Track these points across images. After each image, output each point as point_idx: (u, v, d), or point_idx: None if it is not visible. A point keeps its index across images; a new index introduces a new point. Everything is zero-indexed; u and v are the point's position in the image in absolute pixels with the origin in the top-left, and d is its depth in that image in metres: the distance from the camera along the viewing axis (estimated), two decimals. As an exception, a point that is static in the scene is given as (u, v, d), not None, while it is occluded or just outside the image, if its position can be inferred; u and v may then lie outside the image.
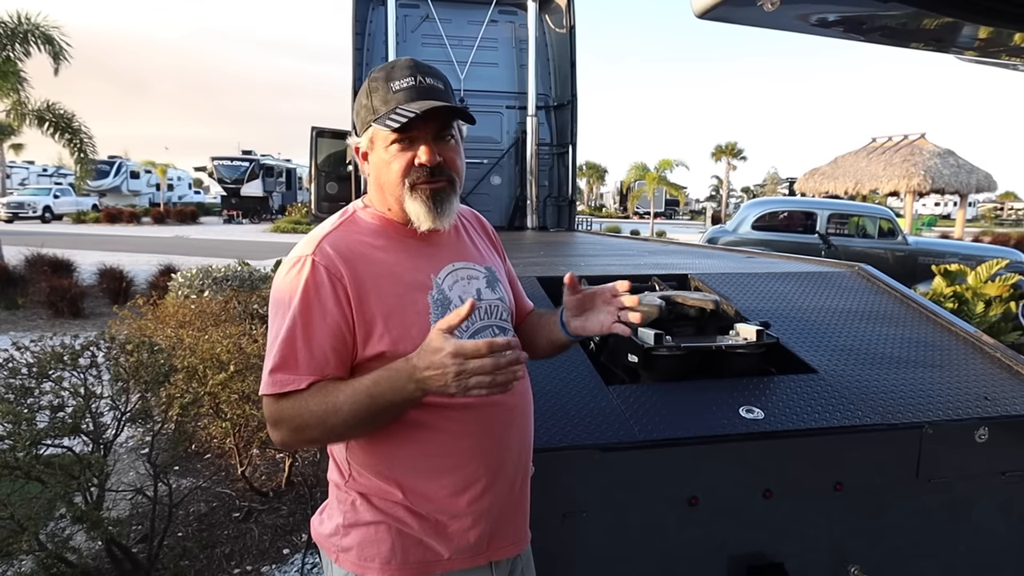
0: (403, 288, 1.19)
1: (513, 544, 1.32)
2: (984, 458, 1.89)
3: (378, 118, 1.19)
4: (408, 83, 1.19)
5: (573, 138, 6.84)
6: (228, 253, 14.14)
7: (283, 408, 1.13)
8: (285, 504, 3.65)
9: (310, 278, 1.15)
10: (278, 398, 1.13)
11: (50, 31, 10.51)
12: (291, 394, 1.12)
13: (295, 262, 1.18)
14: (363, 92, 1.24)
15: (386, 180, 1.22)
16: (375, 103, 1.20)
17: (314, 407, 1.11)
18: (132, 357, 2.84)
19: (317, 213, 7.32)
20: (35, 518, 2.27)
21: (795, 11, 0.89)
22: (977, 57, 1.32)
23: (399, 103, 1.18)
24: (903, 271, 8.39)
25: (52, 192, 31.24)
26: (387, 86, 1.20)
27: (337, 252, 1.17)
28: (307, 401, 1.12)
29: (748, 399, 1.87)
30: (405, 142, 1.19)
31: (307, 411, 1.11)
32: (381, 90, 1.20)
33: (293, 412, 1.12)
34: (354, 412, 1.09)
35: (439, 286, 1.23)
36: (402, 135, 1.18)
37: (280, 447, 1.19)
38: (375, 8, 6.68)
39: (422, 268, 1.23)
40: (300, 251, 1.19)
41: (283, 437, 1.16)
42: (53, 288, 8.86)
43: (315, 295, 1.14)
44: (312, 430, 1.13)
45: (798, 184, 19.26)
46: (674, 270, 2.96)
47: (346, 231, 1.23)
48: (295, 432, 1.14)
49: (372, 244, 1.21)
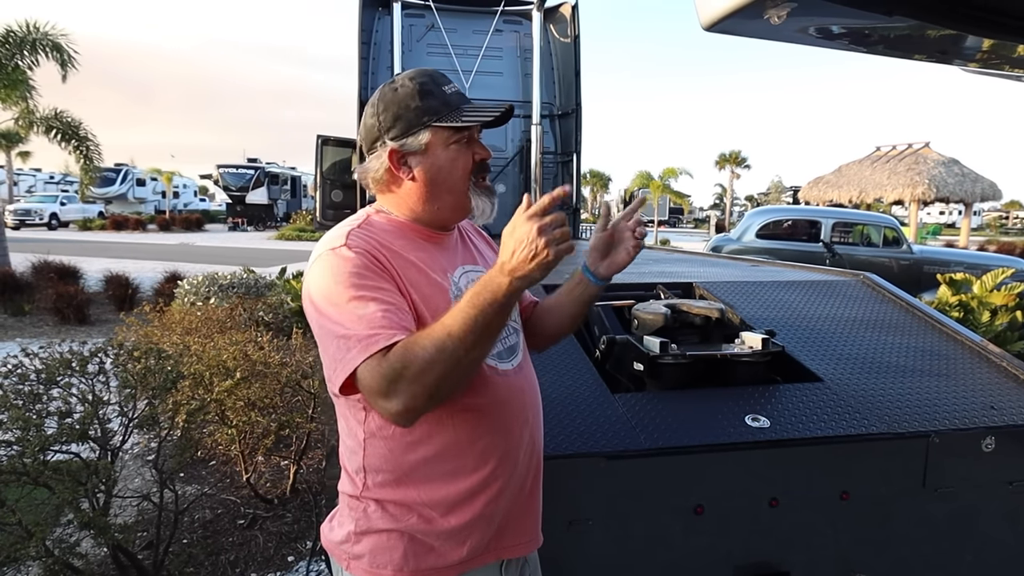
0: (428, 283, 1.21)
1: (523, 544, 1.33)
2: (991, 468, 1.89)
3: (441, 116, 1.22)
4: (454, 88, 1.26)
5: (577, 146, 6.86)
6: (233, 260, 14.20)
7: (393, 358, 1.03)
8: (290, 511, 3.65)
9: (353, 259, 1.14)
10: (383, 354, 1.04)
11: (58, 39, 10.60)
12: (390, 348, 1.05)
13: (330, 254, 1.16)
14: (410, 95, 1.23)
15: (448, 177, 1.25)
16: (433, 104, 1.22)
17: (427, 342, 1.04)
18: (140, 364, 2.85)
19: (322, 221, 7.35)
20: (42, 524, 2.29)
21: (800, 24, 0.90)
22: (981, 69, 1.33)
23: (457, 104, 1.23)
24: (908, 280, 8.37)
25: (58, 199, 31.44)
26: (440, 90, 1.24)
27: (365, 241, 1.19)
28: (418, 340, 1.05)
29: (754, 407, 1.88)
30: (463, 142, 1.24)
31: (423, 347, 1.03)
32: (437, 92, 1.23)
33: (408, 356, 1.03)
34: (467, 328, 1.03)
35: (456, 284, 1.26)
36: (463, 135, 1.23)
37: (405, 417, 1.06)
38: (381, 17, 6.74)
39: (441, 267, 1.26)
40: (328, 245, 1.18)
41: (403, 399, 1.04)
42: (59, 295, 8.90)
43: (365, 269, 1.13)
44: (437, 366, 1.03)
45: (802, 193, 19.26)
46: (679, 278, 2.97)
47: (366, 230, 1.23)
48: (418, 379, 1.03)
49: (392, 243, 1.23)
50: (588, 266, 1.37)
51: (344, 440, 1.28)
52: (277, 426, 3.55)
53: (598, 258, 1.36)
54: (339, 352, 1.09)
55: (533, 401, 1.35)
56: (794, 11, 0.84)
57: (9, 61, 10.23)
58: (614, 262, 1.35)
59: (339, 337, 1.09)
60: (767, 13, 0.85)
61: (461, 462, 1.21)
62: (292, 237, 26.17)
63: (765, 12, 0.85)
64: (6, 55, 10.18)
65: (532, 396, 1.35)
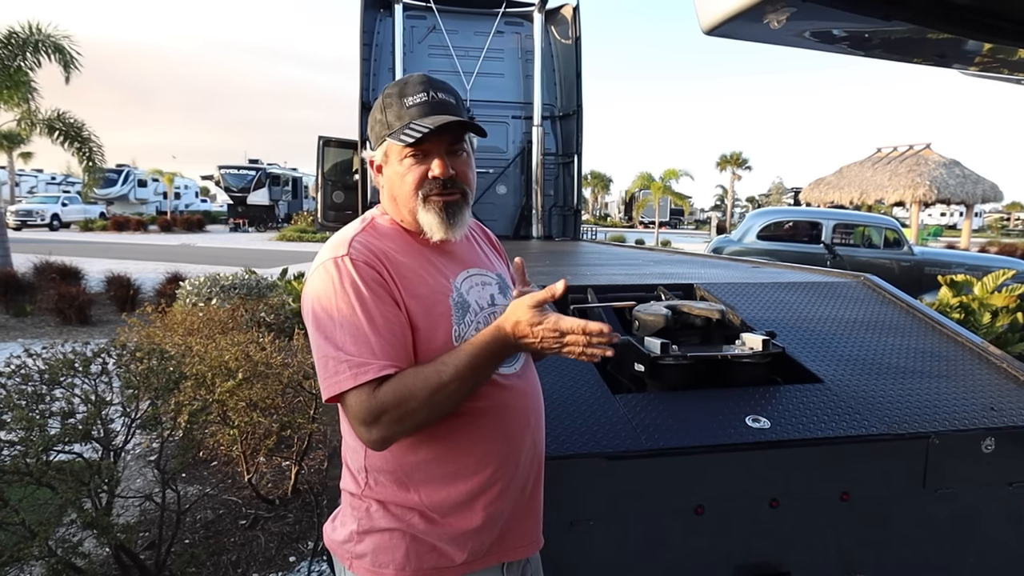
0: (427, 290, 1.22)
1: (525, 546, 1.34)
2: (991, 468, 1.89)
3: (392, 133, 1.23)
4: (421, 98, 1.23)
5: (578, 148, 6.88)
6: (235, 261, 14.22)
7: (383, 397, 1.09)
8: (291, 512, 3.66)
9: (355, 274, 1.16)
10: (375, 388, 1.10)
11: (61, 41, 10.62)
12: (385, 381, 1.10)
13: (332, 264, 1.18)
14: (377, 107, 1.28)
15: (400, 192, 1.25)
16: (389, 118, 1.24)
17: (419, 389, 1.10)
18: (142, 364, 2.86)
19: (323, 222, 7.37)
20: (45, 524, 2.29)
21: (800, 28, 0.91)
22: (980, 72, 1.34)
23: (412, 118, 1.21)
24: (909, 281, 8.37)
25: (60, 200, 31.47)
26: (400, 102, 1.23)
27: (368, 249, 1.20)
28: (408, 384, 1.10)
29: (754, 408, 1.88)
30: (419, 156, 1.23)
31: (412, 394, 1.09)
32: (395, 106, 1.24)
33: (397, 398, 1.09)
34: (460, 386, 1.11)
35: (458, 289, 1.27)
36: (416, 149, 1.22)
37: (380, 446, 1.14)
38: (382, 19, 6.76)
39: (442, 272, 1.27)
40: (332, 253, 1.20)
41: (382, 431, 1.11)
42: (61, 295, 8.91)
43: (366, 287, 1.15)
44: (418, 413, 1.11)
45: (803, 194, 19.26)
46: (680, 279, 2.97)
47: (370, 235, 1.25)
48: (398, 421, 1.10)
49: (395, 248, 1.24)
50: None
51: (346, 439, 1.29)
52: (279, 427, 3.56)
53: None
54: (329, 370, 1.12)
55: (535, 405, 1.35)
56: (793, 15, 0.85)
57: (11, 62, 10.25)
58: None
59: (331, 355, 1.13)
60: (767, 17, 0.86)
61: (461, 465, 1.22)
62: (293, 238, 26.19)
63: (765, 16, 0.86)
64: (8, 56, 10.20)
65: (534, 400, 1.35)
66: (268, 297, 6.81)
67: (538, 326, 1.08)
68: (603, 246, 6.95)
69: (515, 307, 1.11)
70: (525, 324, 1.09)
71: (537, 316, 1.09)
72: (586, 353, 1.08)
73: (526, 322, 1.09)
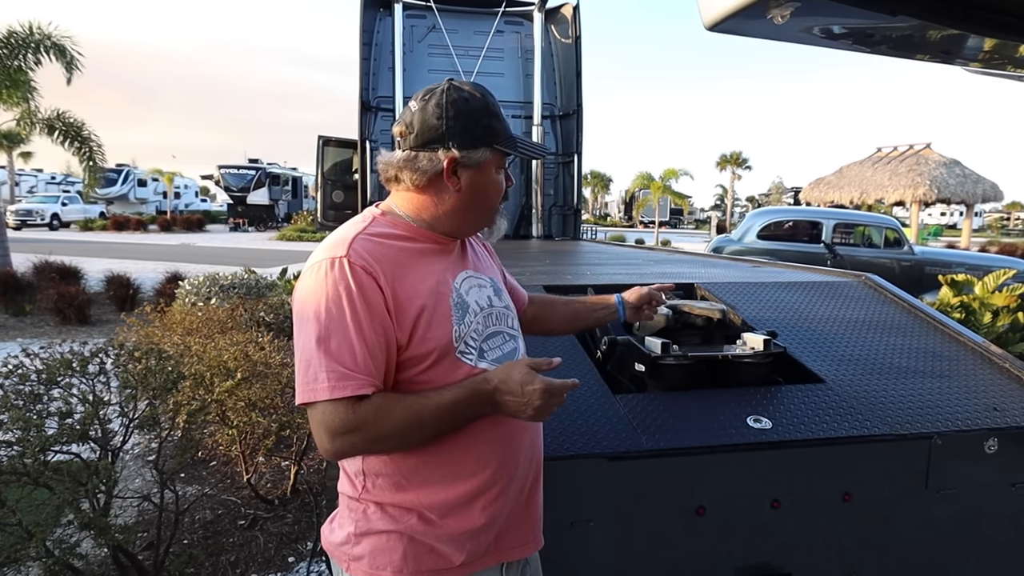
0: (429, 290, 1.22)
1: (523, 546, 1.33)
2: (993, 469, 1.88)
3: (504, 141, 1.28)
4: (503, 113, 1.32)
5: (578, 147, 6.86)
6: (234, 261, 14.21)
7: (363, 414, 1.10)
8: (290, 512, 3.64)
9: (350, 279, 1.13)
10: (354, 404, 1.10)
11: (61, 41, 10.61)
12: (365, 400, 1.10)
13: (328, 264, 1.15)
14: (483, 112, 1.26)
15: (488, 197, 1.31)
16: (499, 127, 1.28)
17: (398, 418, 1.12)
18: (140, 364, 2.85)
19: (323, 221, 7.37)
20: (43, 524, 2.28)
21: (804, 23, 0.90)
22: (984, 69, 1.33)
23: (511, 132, 1.30)
24: (909, 281, 8.36)
25: (60, 200, 31.46)
26: (502, 114, 1.30)
27: (368, 251, 1.18)
28: (389, 410, 1.12)
29: (755, 409, 1.87)
30: (503, 168, 1.32)
31: (390, 420, 1.12)
32: (501, 117, 1.29)
33: (374, 419, 1.10)
34: (435, 427, 1.16)
35: (457, 290, 1.27)
36: (506, 161, 1.31)
37: (335, 457, 1.14)
38: (382, 18, 6.74)
39: (442, 273, 1.27)
40: (331, 252, 1.17)
41: (350, 445, 1.12)
42: (61, 295, 8.90)
43: (359, 296, 1.13)
44: (390, 441, 1.14)
45: (803, 194, 19.26)
46: (680, 279, 2.96)
47: (372, 235, 1.23)
48: (370, 442, 1.13)
49: (397, 247, 1.23)
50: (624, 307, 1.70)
51: None
52: (278, 427, 3.54)
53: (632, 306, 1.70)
54: (309, 375, 1.12)
55: None
56: (798, 11, 0.84)
57: (11, 62, 10.24)
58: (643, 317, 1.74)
59: (314, 359, 1.11)
60: (770, 12, 0.84)
61: (459, 466, 1.22)
62: (293, 238, 26.18)
63: (768, 12, 0.85)
64: (8, 56, 10.19)
65: None
66: (267, 297, 6.79)
67: (528, 386, 1.13)
68: (603, 246, 6.94)
69: (511, 365, 1.18)
70: (513, 383, 1.14)
71: (530, 376, 1.14)
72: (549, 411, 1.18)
73: (514, 380, 1.14)
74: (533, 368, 1.16)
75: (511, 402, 1.15)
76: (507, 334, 1.34)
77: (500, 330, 1.32)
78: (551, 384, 1.14)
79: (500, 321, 1.33)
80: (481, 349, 1.26)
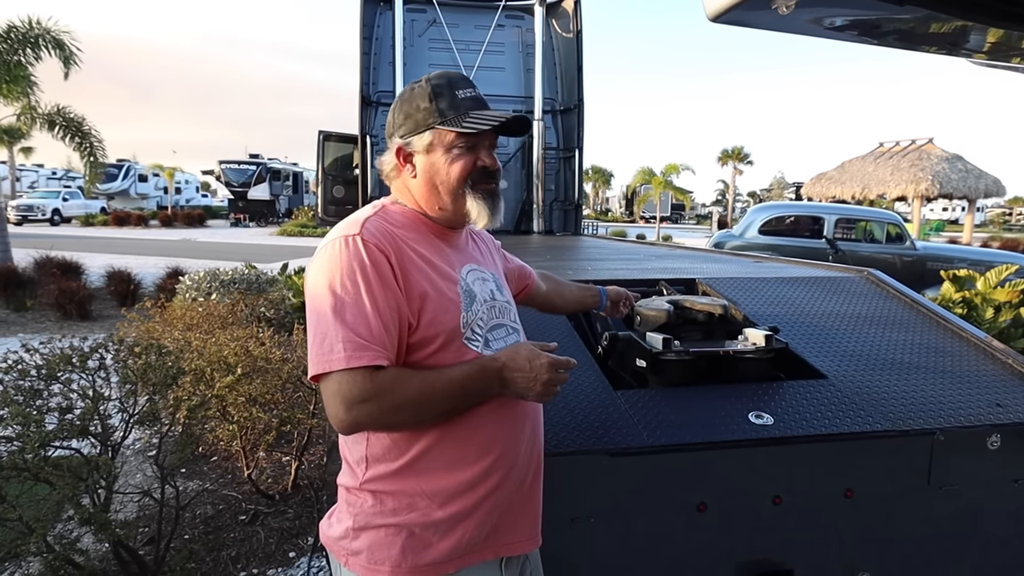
0: (438, 275, 1.24)
1: (522, 542, 1.33)
2: (996, 465, 1.87)
3: (446, 120, 1.25)
4: (471, 93, 1.29)
5: (580, 142, 6.84)
6: (235, 256, 14.20)
7: (380, 383, 1.11)
8: (291, 507, 3.65)
9: (365, 255, 1.17)
10: (372, 372, 1.11)
11: (61, 35, 10.59)
12: (381, 370, 1.12)
13: (343, 242, 1.18)
14: (420, 96, 1.29)
15: (445, 180, 1.28)
16: (442, 106, 1.26)
17: (414, 388, 1.14)
18: (140, 359, 2.84)
19: (324, 216, 7.35)
20: (43, 520, 2.28)
21: (809, 14, 0.89)
22: (989, 61, 1.32)
23: (468, 109, 1.26)
24: (911, 276, 8.34)
25: (61, 195, 31.47)
26: (453, 93, 1.27)
27: (381, 232, 1.21)
28: (406, 381, 1.14)
29: (757, 404, 1.86)
30: (467, 146, 1.27)
31: (406, 390, 1.13)
32: (447, 96, 1.27)
33: (391, 388, 1.12)
34: (446, 402, 1.17)
35: (464, 279, 1.29)
36: (467, 139, 1.26)
37: (350, 429, 1.13)
38: (382, 12, 6.72)
39: (450, 262, 1.29)
40: (344, 231, 1.21)
41: (366, 415, 1.12)
42: (62, 290, 8.91)
43: (373, 271, 1.16)
44: (404, 411, 1.14)
45: (805, 189, 19.20)
46: (682, 274, 2.95)
47: (382, 220, 1.27)
48: (387, 412, 1.13)
49: (405, 235, 1.26)
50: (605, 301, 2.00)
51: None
52: (278, 422, 3.54)
53: (611, 299, 2.03)
54: (325, 346, 1.12)
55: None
56: (803, 1, 0.82)
57: (11, 56, 10.21)
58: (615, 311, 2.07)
59: (330, 331, 1.12)
60: (775, 3, 0.83)
61: (463, 451, 1.22)
62: (294, 233, 26.17)
63: (773, 2, 0.83)
64: (7, 51, 10.17)
65: None
66: (268, 292, 6.79)
67: (537, 360, 1.18)
68: (604, 241, 6.93)
69: (516, 345, 1.23)
70: (520, 358, 1.19)
71: (535, 352, 1.20)
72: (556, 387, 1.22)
73: (521, 356, 1.19)
74: (557, 364, 1.20)
75: (519, 378, 1.18)
76: (510, 327, 1.37)
77: (503, 323, 1.35)
78: (555, 359, 1.19)
79: (503, 315, 1.36)
80: (487, 339, 1.28)
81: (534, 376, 1.17)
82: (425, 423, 1.19)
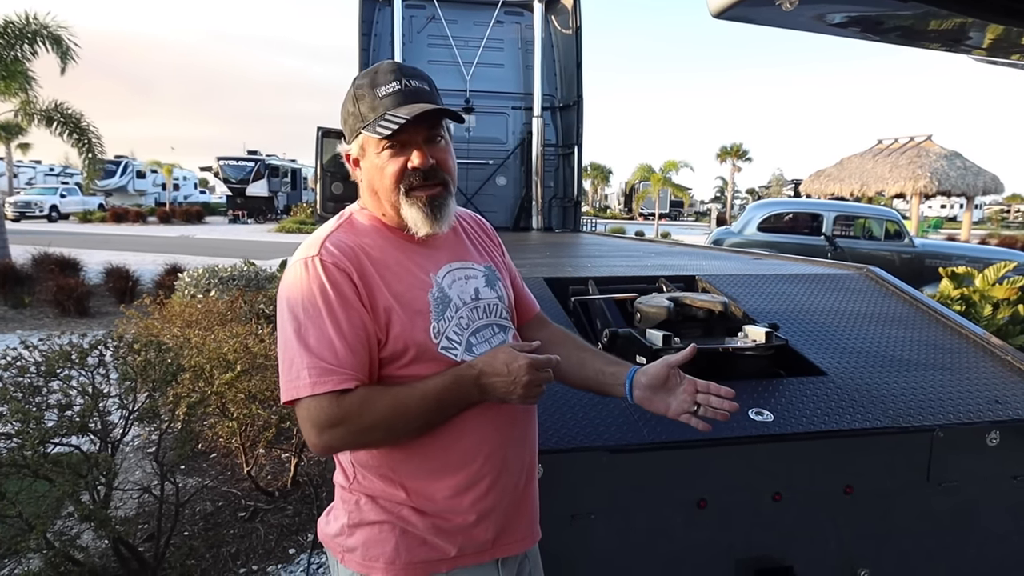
0: (404, 286, 1.21)
1: (519, 541, 1.32)
2: (995, 462, 1.88)
3: (367, 125, 1.19)
4: (394, 87, 1.19)
5: (579, 139, 6.83)
6: (234, 253, 14.18)
7: (347, 407, 1.10)
8: (291, 504, 3.65)
9: (324, 277, 1.15)
10: (338, 397, 1.10)
11: (58, 31, 10.54)
12: (349, 393, 1.11)
13: (302, 265, 1.18)
14: (349, 99, 1.24)
15: (380, 186, 1.23)
16: (362, 110, 1.21)
17: (383, 408, 1.12)
18: (140, 356, 2.84)
19: (322, 213, 7.33)
20: (43, 516, 2.28)
21: (812, 11, 0.88)
22: (989, 57, 1.32)
23: (387, 108, 1.18)
24: (910, 273, 8.34)
25: (59, 191, 31.39)
26: (373, 92, 1.20)
27: (340, 250, 1.18)
28: (374, 401, 1.12)
29: (757, 401, 1.87)
30: (397, 147, 1.20)
31: (375, 411, 1.11)
32: (368, 96, 1.20)
33: (359, 411, 1.10)
34: (422, 417, 1.15)
35: (439, 284, 1.25)
36: (393, 140, 1.19)
37: (323, 452, 1.15)
38: (381, 9, 6.70)
39: (422, 267, 1.25)
40: (304, 253, 1.20)
41: (338, 439, 1.12)
42: (60, 287, 8.89)
43: (334, 293, 1.14)
44: (376, 431, 1.13)
45: (804, 186, 19.21)
46: (681, 271, 2.95)
47: (345, 232, 1.24)
48: (357, 434, 1.13)
49: (371, 245, 1.23)
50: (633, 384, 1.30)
51: None
52: (278, 419, 3.54)
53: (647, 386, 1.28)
54: (292, 373, 1.13)
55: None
56: (806, -3, 0.82)
57: (7, 52, 10.18)
58: (651, 403, 1.28)
59: (296, 356, 1.12)
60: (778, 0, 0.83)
61: (446, 459, 1.21)
62: (293, 230, 26.12)
63: (776, -2, 0.83)
64: (4, 46, 10.13)
65: None
66: (267, 289, 6.79)
67: (515, 362, 1.13)
68: (603, 238, 6.93)
69: (495, 349, 1.18)
70: (498, 362, 1.14)
71: (513, 355, 1.15)
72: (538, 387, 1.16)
73: (499, 359, 1.15)
74: (536, 365, 1.15)
75: (499, 383, 1.14)
76: (496, 325, 1.31)
77: (489, 322, 1.29)
78: (535, 359, 1.14)
79: (489, 313, 1.30)
80: (468, 343, 1.24)
81: (513, 379, 1.13)
82: (403, 439, 1.17)
